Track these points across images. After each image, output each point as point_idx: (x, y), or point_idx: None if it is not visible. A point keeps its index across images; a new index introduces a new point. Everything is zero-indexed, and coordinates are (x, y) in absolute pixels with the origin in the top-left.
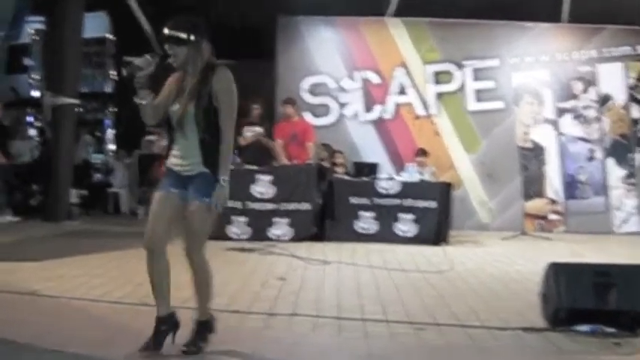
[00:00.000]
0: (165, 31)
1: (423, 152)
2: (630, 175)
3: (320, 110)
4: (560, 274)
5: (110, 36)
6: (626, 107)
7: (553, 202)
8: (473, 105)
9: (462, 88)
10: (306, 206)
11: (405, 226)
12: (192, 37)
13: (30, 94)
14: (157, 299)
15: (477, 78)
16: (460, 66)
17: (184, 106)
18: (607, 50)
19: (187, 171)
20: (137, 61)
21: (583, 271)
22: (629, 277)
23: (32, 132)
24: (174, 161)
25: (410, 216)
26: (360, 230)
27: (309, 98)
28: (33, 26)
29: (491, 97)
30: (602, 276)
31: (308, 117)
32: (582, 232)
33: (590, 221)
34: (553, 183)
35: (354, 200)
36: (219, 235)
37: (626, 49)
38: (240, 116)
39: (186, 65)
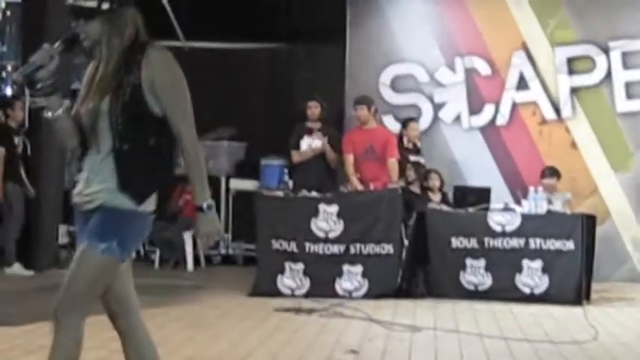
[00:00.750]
0: (69, 0)
1: (552, 172)
2: None
3: (407, 113)
4: None
5: None
6: None
7: None
8: (623, 104)
9: (607, 81)
10: (387, 249)
11: (531, 277)
12: (104, 6)
13: (1, 91)
14: None
15: (628, 66)
16: (604, 49)
17: (94, 103)
18: None
19: (87, 203)
20: (33, 57)
21: None
22: None
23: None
24: (76, 189)
25: (537, 263)
26: (466, 284)
27: (392, 96)
28: None
29: None
30: None
31: (390, 123)
32: None
33: None
34: None
35: (457, 242)
36: (266, 289)
37: None
38: (296, 121)
39: (99, 46)
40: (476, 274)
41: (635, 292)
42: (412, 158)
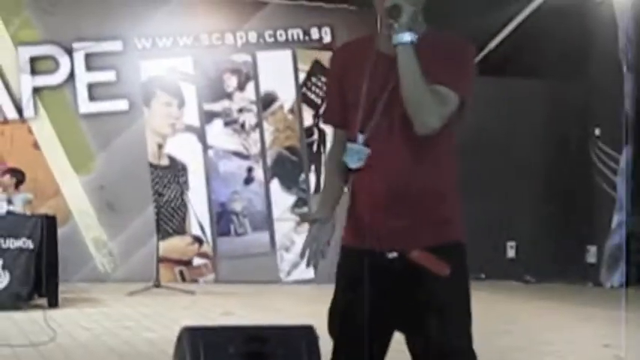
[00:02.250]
0: None
1: (13, 172)
2: (302, 203)
3: None
4: (197, 342)
5: None
6: (295, 110)
7: (198, 241)
8: (85, 105)
9: (70, 82)
10: None
11: None
12: None
13: None
14: None
15: (91, 67)
16: (68, 50)
17: None
18: (270, 33)
19: None
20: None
21: (229, 338)
22: (291, 342)
23: None
24: None
25: None
26: None
27: None
28: None
29: (112, 95)
30: (256, 342)
31: None
32: (239, 281)
33: (250, 266)
34: (198, 215)
35: None
36: None
37: (296, 32)
38: None
39: None
40: None
41: (97, 293)
42: None
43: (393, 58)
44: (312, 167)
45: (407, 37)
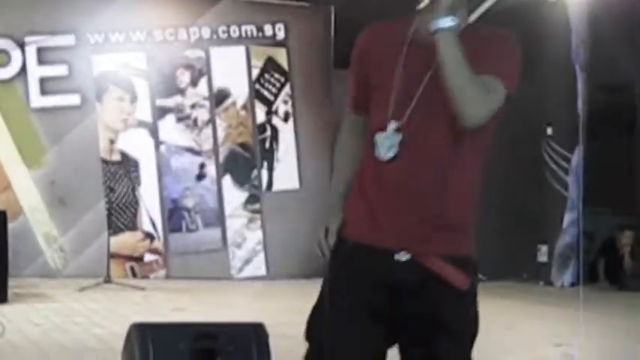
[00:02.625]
0: None
1: None
2: (254, 200)
3: None
4: (146, 339)
5: None
6: (248, 107)
7: (150, 237)
8: (37, 99)
9: (21, 76)
10: None
11: None
12: None
13: None
14: None
15: (42, 61)
16: (20, 44)
17: None
18: (224, 29)
19: None
20: None
21: (179, 335)
22: (241, 339)
23: None
24: None
25: None
26: None
27: None
28: None
29: (63, 89)
30: (206, 340)
31: None
32: (190, 277)
33: (201, 263)
34: (150, 211)
35: None
36: None
37: (250, 29)
38: None
39: None
40: None
41: (47, 288)
42: None
43: (429, 45)
44: (265, 164)
45: (448, 22)
